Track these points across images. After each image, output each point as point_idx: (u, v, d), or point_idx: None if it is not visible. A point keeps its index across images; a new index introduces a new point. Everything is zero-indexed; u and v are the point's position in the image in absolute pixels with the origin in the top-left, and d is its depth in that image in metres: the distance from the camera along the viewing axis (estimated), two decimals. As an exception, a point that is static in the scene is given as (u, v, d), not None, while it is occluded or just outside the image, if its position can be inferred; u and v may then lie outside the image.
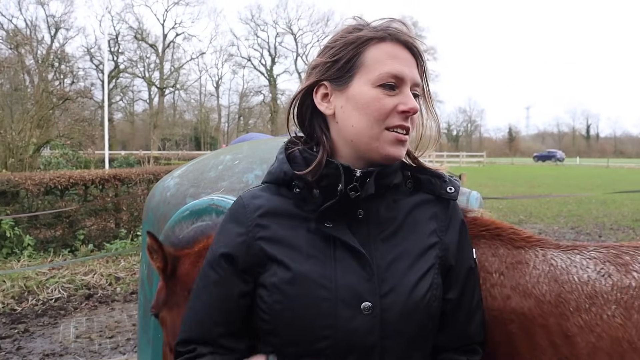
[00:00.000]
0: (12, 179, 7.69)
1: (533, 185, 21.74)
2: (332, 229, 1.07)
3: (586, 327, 1.16)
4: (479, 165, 44.04)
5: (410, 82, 1.09)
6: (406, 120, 1.09)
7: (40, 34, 44.38)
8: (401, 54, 1.10)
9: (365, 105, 1.08)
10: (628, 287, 1.17)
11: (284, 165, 1.14)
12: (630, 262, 1.22)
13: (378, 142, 1.08)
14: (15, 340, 4.70)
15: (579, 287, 1.21)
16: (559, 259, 1.29)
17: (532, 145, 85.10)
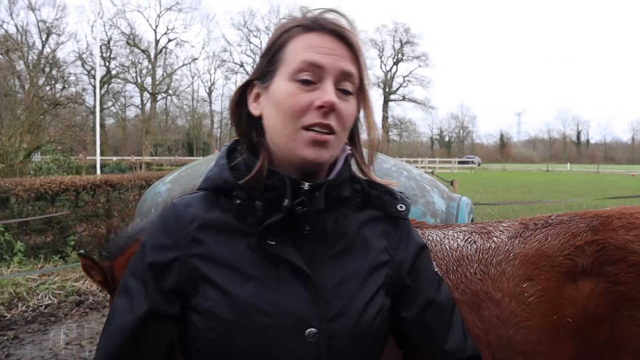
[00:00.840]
0: (2, 185, 7.64)
1: (524, 191, 21.86)
2: (275, 247, 0.97)
3: (453, 285, 1.32)
4: (471, 171, 44.23)
5: (334, 73, 0.96)
6: (325, 117, 0.95)
7: (32, 39, 44.18)
8: (327, 43, 0.97)
9: (280, 101, 0.97)
10: (488, 248, 1.36)
11: (224, 172, 1.02)
12: (492, 231, 1.42)
13: (294, 143, 0.96)
14: (5, 347, 4.66)
15: (449, 254, 1.39)
16: (435, 234, 1.47)
17: (524, 151, 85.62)
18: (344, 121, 0.98)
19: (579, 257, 1.23)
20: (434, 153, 69.61)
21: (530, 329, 1.21)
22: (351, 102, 1.00)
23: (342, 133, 0.99)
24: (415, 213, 1.85)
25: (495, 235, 1.39)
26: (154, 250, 1.00)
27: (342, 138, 1.00)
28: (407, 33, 64.46)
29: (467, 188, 19.44)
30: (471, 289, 1.29)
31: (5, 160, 13.89)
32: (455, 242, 1.40)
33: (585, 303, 1.19)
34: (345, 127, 0.99)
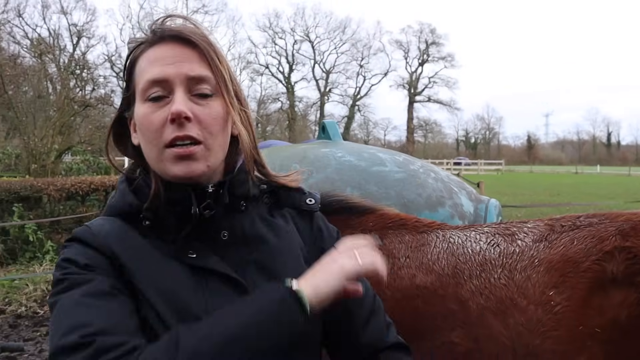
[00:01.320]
0: (35, 185, 7.86)
1: (552, 194, 21.47)
2: (197, 259, 0.93)
3: (477, 291, 1.28)
4: (497, 173, 43.63)
5: (181, 81, 0.92)
6: (181, 129, 0.91)
7: (63, 42, 45.17)
8: (169, 52, 0.93)
9: (141, 126, 0.95)
10: (512, 252, 1.31)
11: (127, 197, 0.98)
12: (516, 233, 1.37)
13: (162, 164, 0.93)
14: (38, 342, 4.79)
15: (472, 258, 1.35)
16: (456, 236, 1.43)
17: (552, 153, 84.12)
18: (208, 126, 0.93)
19: (608, 263, 1.18)
20: (460, 154, 68.88)
21: (557, 338, 1.17)
22: (213, 104, 0.95)
23: (211, 139, 0.94)
24: (444, 215, 1.85)
25: (519, 237, 1.35)
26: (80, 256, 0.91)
27: (214, 144, 0.94)
28: (433, 34, 63.97)
29: (494, 190, 19.18)
30: (496, 295, 1.26)
31: (37, 161, 14.26)
32: (477, 245, 1.37)
33: (616, 313, 1.14)
34: (212, 131, 0.94)
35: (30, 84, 18.19)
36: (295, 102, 59.71)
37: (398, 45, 64.25)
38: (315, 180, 1.83)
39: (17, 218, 7.38)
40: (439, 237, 1.44)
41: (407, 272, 1.39)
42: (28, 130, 14.88)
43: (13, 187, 7.68)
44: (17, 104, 15.56)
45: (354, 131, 59.81)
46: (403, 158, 2.08)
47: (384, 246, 1.44)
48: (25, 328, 5.16)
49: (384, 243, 1.45)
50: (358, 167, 1.89)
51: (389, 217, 1.54)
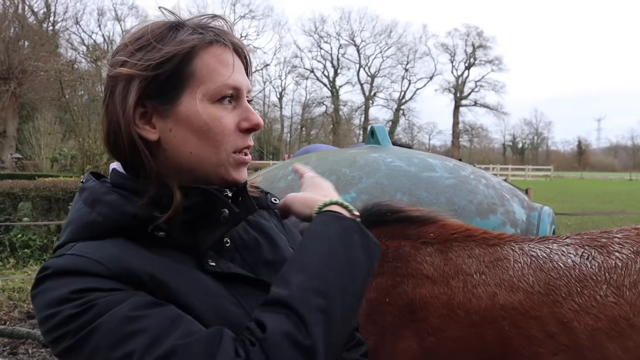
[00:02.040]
0: (89, 185, 8.16)
1: (605, 201, 20.67)
2: (217, 267, 0.88)
3: (582, 310, 1.15)
4: (546, 179, 42.38)
5: (246, 91, 0.94)
6: (250, 139, 0.94)
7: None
8: (231, 59, 0.92)
9: (205, 127, 0.88)
10: (615, 267, 1.18)
11: (126, 207, 0.84)
12: (608, 244, 1.24)
13: (224, 168, 0.91)
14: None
15: (566, 273, 1.20)
16: (537, 249, 1.28)
17: (604, 159, 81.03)
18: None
19: None
20: (506, 160, 67.29)
21: None
22: None
23: None
24: (495, 222, 1.81)
25: (614, 249, 1.23)
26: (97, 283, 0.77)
27: None
28: (480, 37, 62.87)
29: (542, 197, 18.64)
30: (607, 314, 1.13)
31: (91, 162, 14.82)
32: (568, 258, 1.24)
33: None
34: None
35: (85, 88, 18.95)
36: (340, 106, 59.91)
37: (444, 48, 63.53)
38: (365, 186, 1.83)
39: (72, 216, 7.67)
40: (516, 251, 1.30)
41: (484, 290, 1.24)
42: (83, 132, 15.50)
43: (69, 186, 8.01)
44: (74, 107, 16.23)
45: (398, 135, 59.29)
46: (453, 164, 2.05)
47: (450, 260, 1.32)
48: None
49: (449, 257, 1.33)
50: (408, 172, 1.87)
51: (452, 228, 1.40)
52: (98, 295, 0.75)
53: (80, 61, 29.61)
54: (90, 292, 0.76)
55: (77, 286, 0.76)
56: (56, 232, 7.68)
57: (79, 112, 16.32)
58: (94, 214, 0.86)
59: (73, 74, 17.39)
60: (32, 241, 7.48)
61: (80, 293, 0.76)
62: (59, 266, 0.79)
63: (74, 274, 0.78)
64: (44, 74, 20.87)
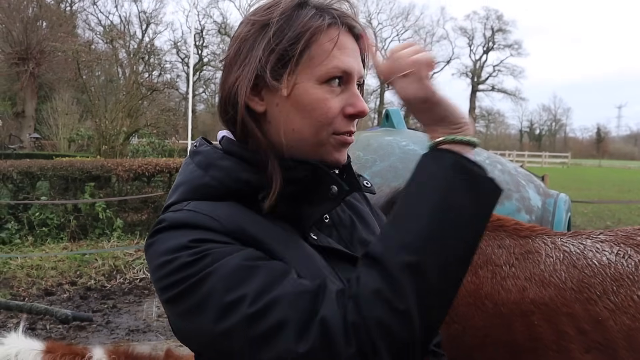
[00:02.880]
0: (106, 165, 8.26)
1: (623, 190, 20.39)
2: (318, 241, 0.91)
3: (619, 310, 1.13)
4: (563, 167, 41.88)
5: (357, 77, 0.93)
6: (354, 124, 0.93)
7: (133, 29, 47.01)
8: (348, 42, 0.91)
9: (310, 107, 0.89)
10: None
11: (240, 173, 0.89)
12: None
13: (324, 148, 0.91)
14: (105, 314, 5.07)
15: (601, 271, 1.18)
16: (570, 244, 1.26)
17: (624, 147, 79.72)
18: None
19: None
20: (523, 146, 66.54)
21: None
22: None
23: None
24: (510, 208, 1.79)
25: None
26: (210, 235, 0.82)
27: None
28: (500, 20, 61.75)
29: (558, 184, 18.43)
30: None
31: (108, 142, 14.97)
32: (602, 255, 1.21)
33: None
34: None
35: (102, 69, 19.07)
36: (355, 89, 59.44)
37: (462, 32, 62.50)
38: (379, 169, 1.81)
39: (88, 196, 7.79)
40: (548, 245, 1.28)
41: (513, 283, 1.23)
42: (100, 112, 15.64)
43: (86, 166, 8.10)
44: (91, 87, 16.36)
45: (414, 119, 58.81)
46: (468, 148, 2.03)
47: (479, 249, 1.33)
48: (94, 300, 5.47)
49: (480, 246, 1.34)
50: (422, 156, 1.84)
51: None
52: (214, 246, 0.80)
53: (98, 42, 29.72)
54: (206, 242, 0.80)
55: (194, 236, 0.81)
56: (73, 211, 7.80)
57: (95, 92, 16.46)
58: (207, 177, 0.90)
59: (90, 54, 17.47)
60: (49, 220, 7.61)
61: (197, 242, 0.80)
62: (176, 219, 0.85)
63: (191, 227, 0.83)
64: (62, 55, 21.00)
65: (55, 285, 5.83)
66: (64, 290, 5.70)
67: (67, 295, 5.56)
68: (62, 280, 5.98)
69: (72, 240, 7.62)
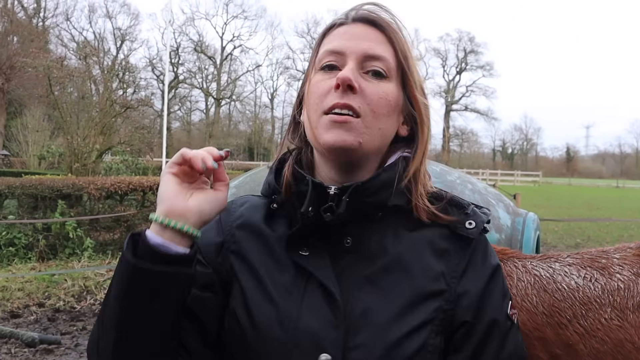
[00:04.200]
0: (77, 183, 8.10)
1: (592, 208, 20.88)
2: (306, 259, 0.88)
3: (588, 334, 1.15)
4: (534, 185, 42.69)
5: (356, 56, 0.89)
6: (342, 96, 0.86)
7: (107, 45, 46.75)
8: (354, 30, 0.92)
9: (309, 94, 0.92)
10: (617, 289, 1.19)
11: (269, 176, 0.98)
12: (609, 265, 1.24)
13: (317, 130, 0.89)
14: (74, 337, 4.92)
15: (571, 295, 1.21)
16: (540, 268, 1.29)
17: (592, 165, 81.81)
18: (372, 103, 0.87)
19: None
20: (496, 165, 67.69)
21: None
22: (385, 85, 0.90)
23: (372, 117, 0.88)
24: (480, 228, 1.81)
25: (615, 270, 1.23)
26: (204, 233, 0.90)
27: (373, 123, 0.88)
28: (472, 42, 63.25)
29: (530, 202, 18.78)
30: (612, 337, 1.14)
31: (79, 160, 14.70)
32: (571, 279, 1.23)
33: None
34: (376, 111, 0.88)
35: (75, 85, 18.80)
36: (331, 108, 59.79)
37: (436, 53, 63.78)
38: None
39: (58, 215, 7.62)
40: (519, 268, 1.28)
41: None
42: (72, 129, 15.36)
43: (56, 184, 7.94)
44: (62, 104, 16.08)
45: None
46: (440, 168, 2.06)
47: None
48: (62, 322, 5.31)
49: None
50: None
51: None
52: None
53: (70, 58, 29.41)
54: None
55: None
56: (42, 230, 7.61)
57: (67, 109, 16.17)
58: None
59: (62, 70, 17.20)
60: (17, 239, 7.40)
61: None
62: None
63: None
64: (33, 70, 20.66)
65: (21, 307, 5.65)
66: (31, 312, 5.52)
67: (35, 317, 5.39)
68: (29, 301, 5.80)
69: (41, 261, 7.41)
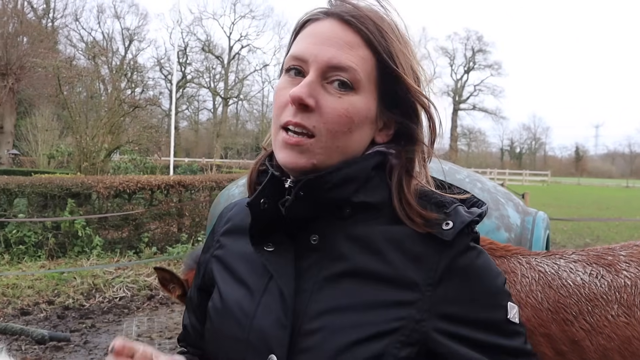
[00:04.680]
0: (86, 182, 8.15)
1: (601, 207, 20.72)
2: (269, 255, 0.85)
3: (594, 330, 1.15)
4: (543, 185, 42.44)
5: (318, 66, 0.80)
6: (295, 114, 0.79)
7: (116, 45, 47.00)
8: (324, 30, 0.81)
9: (274, 99, 0.86)
10: (624, 285, 1.18)
11: (252, 173, 0.93)
12: (615, 262, 1.23)
13: (275, 144, 0.84)
14: (83, 334, 4.96)
15: (576, 291, 1.20)
16: (545, 265, 1.28)
17: (601, 165, 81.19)
18: (329, 122, 0.79)
19: None
20: (504, 164, 67.37)
21: None
22: (348, 99, 0.80)
23: (328, 137, 0.80)
24: (489, 226, 1.81)
25: (622, 267, 1.22)
26: (203, 250, 1.04)
27: (330, 143, 0.80)
28: (480, 41, 62.98)
29: (539, 202, 18.67)
30: (619, 334, 1.13)
31: (88, 159, 14.79)
32: (576, 275, 1.23)
33: None
34: (334, 129, 0.80)
35: (84, 85, 18.92)
36: (338, 108, 59.71)
37: (443, 52, 63.53)
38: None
39: (68, 213, 7.67)
40: (523, 265, 1.28)
41: None
42: (80, 129, 15.46)
43: (65, 183, 7.99)
44: (71, 104, 16.19)
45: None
46: (449, 167, 2.06)
47: None
48: (72, 319, 5.35)
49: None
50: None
51: None
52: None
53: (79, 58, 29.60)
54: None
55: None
56: (52, 228, 7.67)
57: (76, 109, 16.27)
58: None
59: (71, 70, 17.34)
60: (27, 237, 7.46)
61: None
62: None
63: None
64: (42, 70, 20.83)
65: (31, 304, 5.70)
66: (40, 309, 5.57)
67: (44, 314, 5.44)
68: (39, 299, 5.85)
69: (50, 259, 7.47)
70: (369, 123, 0.84)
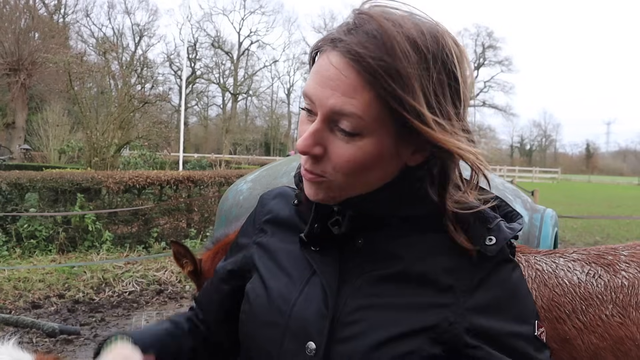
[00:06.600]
0: (96, 177, 8.21)
1: (612, 205, 20.56)
2: (315, 254, 0.90)
3: (587, 329, 1.15)
4: (553, 182, 42.16)
5: (324, 110, 0.78)
6: (306, 161, 0.83)
7: (126, 41, 47.24)
8: (329, 68, 0.77)
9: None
10: (621, 286, 1.18)
11: (297, 171, 0.97)
12: (615, 263, 1.23)
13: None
14: (93, 328, 5.01)
15: (571, 290, 1.21)
16: (543, 263, 1.28)
17: (612, 163, 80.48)
18: (338, 167, 0.80)
19: None
20: (514, 161, 66.99)
21: None
22: (355, 144, 0.78)
23: (344, 178, 0.82)
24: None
25: (621, 268, 1.22)
26: (241, 233, 1.08)
27: (348, 181, 0.82)
28: (490, 37, 62.51)
29: (548, 199, 18.55)
30: (612, 334, 1.13)
31: (98, 154, 14.89)
32: (573, 275, 1.23)
33: None
34: (347, 172, 0.80)
35: (94, 80, 19.03)
36: (347, 104, 59.57)
37: (453, 48, 63.00)
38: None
39: (78, 208, 7.74)
40: (521, 263, 1.27)
41: None
42: (91, 124, 15.56)
43: (76, 178, 8.06)
44: (82, 99, 16.29)
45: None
46: (457, 163, 2.04)
47: None
48: (82, 313, 5.41)
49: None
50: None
51: None
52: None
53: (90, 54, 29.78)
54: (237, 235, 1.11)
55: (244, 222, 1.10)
56: (62, 223, 7.74)
57: (87, 104, 16.38)
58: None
59: (82, 66, 17.43)
60: (38, 232, 7.53)
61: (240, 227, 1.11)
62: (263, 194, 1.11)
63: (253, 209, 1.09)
64: (53, 66, 20.95)
65: (42, 298, 5.76)
66: (51, 303, 5.63)
67: (55, 308, 5.50)
68: (49, 293, 5.92)
69: (61, 253, 7.54)
70: (387, 159, 0.81)
